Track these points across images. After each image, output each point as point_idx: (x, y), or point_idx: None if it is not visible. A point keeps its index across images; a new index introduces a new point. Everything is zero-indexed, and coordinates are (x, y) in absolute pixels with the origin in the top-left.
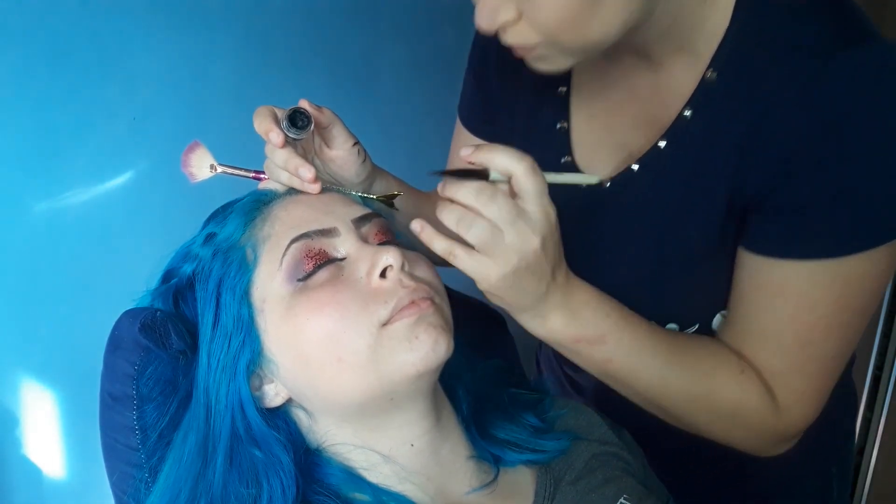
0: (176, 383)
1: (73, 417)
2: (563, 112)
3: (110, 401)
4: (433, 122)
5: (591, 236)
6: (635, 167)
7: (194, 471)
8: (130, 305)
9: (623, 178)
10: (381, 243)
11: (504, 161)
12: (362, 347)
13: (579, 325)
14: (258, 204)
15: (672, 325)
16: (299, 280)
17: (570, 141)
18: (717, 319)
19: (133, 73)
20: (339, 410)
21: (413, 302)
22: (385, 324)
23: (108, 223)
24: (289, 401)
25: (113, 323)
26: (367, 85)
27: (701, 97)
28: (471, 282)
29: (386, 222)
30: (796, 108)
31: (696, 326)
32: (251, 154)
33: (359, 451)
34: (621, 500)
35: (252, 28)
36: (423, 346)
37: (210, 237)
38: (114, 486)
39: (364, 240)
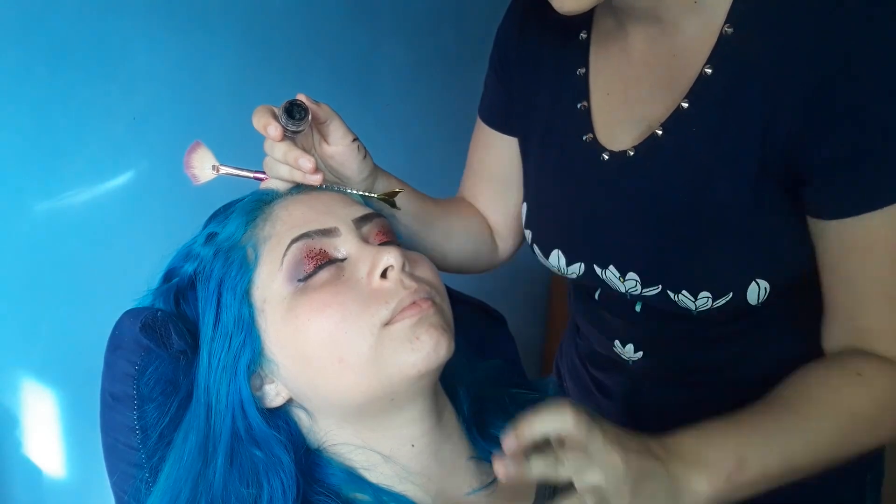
0: (177, 383)
1: (73, 417)
2: (583, 92)
3: (111, 400)
4: (433, 122)
5: (618, 206)
6: (659, 131)
7: (195, 471)
8: (131, 305)
9: (647, 145)
10: (382, 243)
11: (549, 425)
12: (363, 348)
13: (717, 469)
14: (259, 203)
15: (705, 294)
16: (300, 280)
17: (591, 119)
18: (751, 289)
19: (133, 73)
20: (339, 411)
21: (414, 302)
22: (386, 324)
23: (108, 223)
24: (289, 401)
25: (113, 323)
26: (367, 85)
27: (720, 53)
28: (471, 281)
29: (387, 222)
30: (816, 44)
31: (730, 295)
32: (251, 154)
33: (359, 452)
34: None
35: (252, 28)
36: (424, 347)
37: (211, 237)
38: (114, 485)
39: (365, 240)
